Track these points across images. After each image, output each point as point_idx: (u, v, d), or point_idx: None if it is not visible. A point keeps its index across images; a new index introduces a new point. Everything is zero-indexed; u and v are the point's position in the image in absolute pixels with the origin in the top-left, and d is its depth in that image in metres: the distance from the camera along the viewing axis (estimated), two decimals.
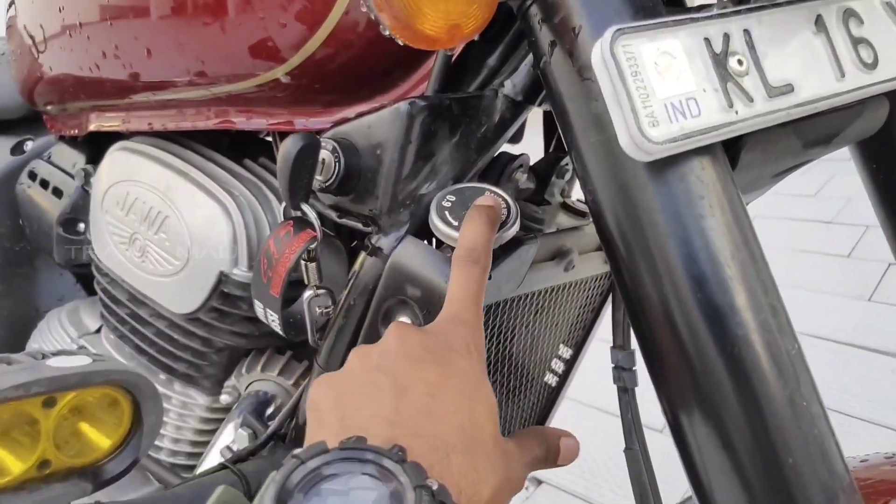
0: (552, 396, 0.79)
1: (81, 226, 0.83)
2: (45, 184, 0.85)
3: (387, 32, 0.37)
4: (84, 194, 0.82)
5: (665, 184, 0.36)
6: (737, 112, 0.34)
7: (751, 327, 0.36)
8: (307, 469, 0.29)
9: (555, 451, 0.47)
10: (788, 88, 0.36)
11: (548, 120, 0.66)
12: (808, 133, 0.44)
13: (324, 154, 0.51)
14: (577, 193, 0.70)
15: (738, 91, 0.34)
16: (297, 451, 0.30)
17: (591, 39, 0.37)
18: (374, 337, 0.50)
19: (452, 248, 0.47)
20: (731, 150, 0.41)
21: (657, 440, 0.62)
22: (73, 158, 0.85)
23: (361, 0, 0.38)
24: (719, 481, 0.37)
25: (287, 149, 0.49)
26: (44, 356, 0.42)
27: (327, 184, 0.51)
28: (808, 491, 0.36)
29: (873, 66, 0.39)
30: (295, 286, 0.57)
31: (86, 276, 0.94)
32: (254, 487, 0.54)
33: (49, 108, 0.82)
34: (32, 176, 0.87)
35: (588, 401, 1.89)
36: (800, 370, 0.37)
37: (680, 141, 0.32)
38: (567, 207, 0.65)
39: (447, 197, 0.49)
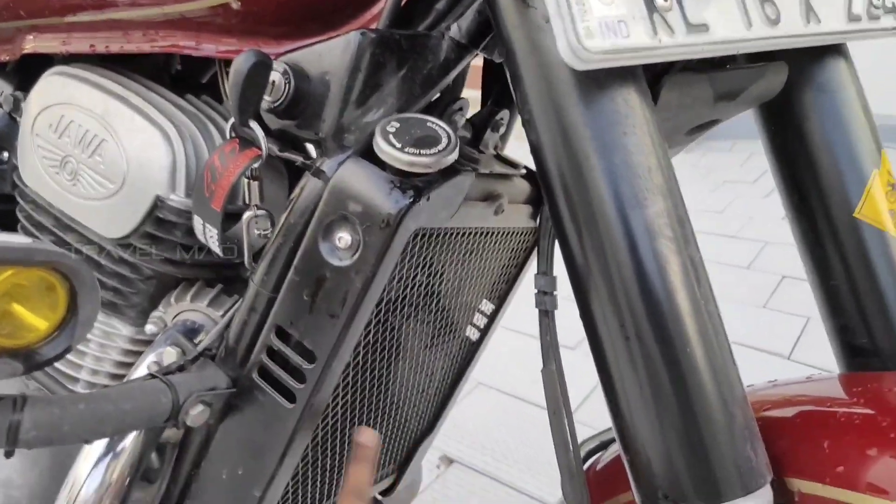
0: (472, 350, 0.82)
1: (5, 154, 0.81)
2: None
3: None
4: (9, 122, 0.80)
5: (595, 101, 0.40)
6: (660, 40, 0.39)
7: (662, 235, 0.41)
8: None
9: None
10: (704, 28, 0.41)
11: (485, 75, 0.69)
12: (719, 84, 0.50)
13: (274, 76, 0.53)
14: (508, 150, 0.75)
15: (662, 22, 0.39)
16: None
17: None
18: (313, 253, 0.52)
19: (394, 168, 0.50)
20: (653, 89, 0.46)
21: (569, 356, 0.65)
22: None
23: None
24: (626, 365, 0.41)
25: (240, 63, 0.50)
26: None
27: (276, 104, 0.53)
28: (704, 377, 0.40)
29: (776, 22, 0.45)
30: (233, 216, 0.59)
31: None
32: (182, 398, 0.55)
33: None
34: None
35: (497, 385, 1.95)
36: (700, 273, 0.41)
37: (611, 55, 0.37)
38: (500, 159, 0.69)
39: (391, 123, 0.52)
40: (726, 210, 3.30)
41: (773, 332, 2.17)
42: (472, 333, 0.81)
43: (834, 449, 0.42)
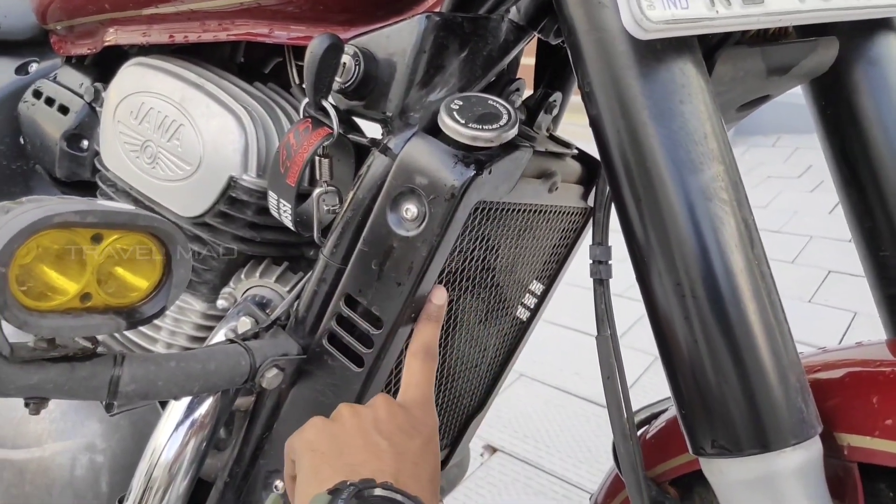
0: (522, 330, 0.85)
1: (85, 142, 0.86)
2: (50, 102, 0.88)
3: None
4: (90, 111, 0.86)
5: (653, 71, 0.43)
6: (717, 11, 0.41)
7: (717, 197, 0.43)
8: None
9: None
10: (759, 0, 0.43)
11: (538, 60, 0.72)
12: (772, 58, 0.52)
13: (345, 58, 0.57)
14: (561, 131, 0.77)
15: None
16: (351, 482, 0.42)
17: None
18: (381, 224, 0.56)
19: (458, 143, 0.53)
20: (708, 61, 0.48)
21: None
22: (79, 79, 0.88)
23: None
24: (681, 321, 0.44)
25: (315, 46, 0.54)
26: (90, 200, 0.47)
27: (346, 85, 0.57)
28: (756, 332, 0.43)
29: None
30: (302, 196, 0.63)
31: None
32: (258, 362, 0.59)
33: (61, 26, 0.85)
34: (37, 94, 0.90)
35: (540, 376, 1.97)
36: (754, 234, 0.44)
37: (671, 24, 0.39)
38: (553, 139, 0.71)
39: (455, 101, 0.55)
40: (770, 205, 3.26)
41: (819, 326, 2.15)
42: (522, 313, 0.83)
43: (882, 404, 0.44)
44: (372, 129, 0.63)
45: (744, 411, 0.43)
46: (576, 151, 0.70)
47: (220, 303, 0.75)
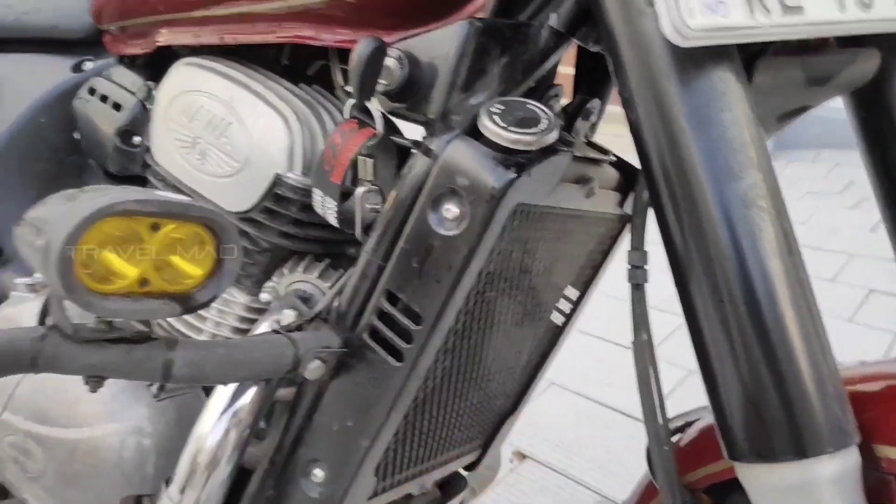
0: (556, 334, 0.86)
1: (136, 138, 0.89)
2: (104, 99, 0.92)
3: None
4: (142, 109, 0.89)
5: (693, 79, 0.44)
6: (757, 20, 0.42)
7: (756, 205, 0.44)
8: None
9: None
10: (799, 10, 0.44)
11: (577, 66, 0.73)
12: (811, 68, 0.52)
13: (389, 62, 0.59)
14: (598, 138, 0.78)
15: (759, 4, 0.42)
16: None
17: None
18: (423, 223, 0.57)
19: (498, 146, 0.55)
20: (748, 70, 0.49)
21: None
22: (131, 78, 0.91)
23: None
24: (718, 326, 0.44)
25: (360, 49, 0.56)
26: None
27: (390, 87, 0.59)
28: (794, 339, 0.43)
29: (869, 6, 0.47)
30: (345, 194, 0.65)
31: None
32: (301, 352, 0.61)
33: (115, 26, 0.89)
34: (92, 91, 0.93)
35: (571, 386, 1.97)
36: (791, 242, 0.44)
37: (711, 33, 0.40)
38: (591, 145, 0.72)
39: (496, 105, 0.56)
40: (810, 220, 3.21)
41: (859, 347, 2.11)
42: (557, 318, 0.84)
43: None
44: (411, 131, 0.65)
45: (781, 417, 0.43)
46: (613, 158, 0.71)
47: (264, 296, 0.77)
